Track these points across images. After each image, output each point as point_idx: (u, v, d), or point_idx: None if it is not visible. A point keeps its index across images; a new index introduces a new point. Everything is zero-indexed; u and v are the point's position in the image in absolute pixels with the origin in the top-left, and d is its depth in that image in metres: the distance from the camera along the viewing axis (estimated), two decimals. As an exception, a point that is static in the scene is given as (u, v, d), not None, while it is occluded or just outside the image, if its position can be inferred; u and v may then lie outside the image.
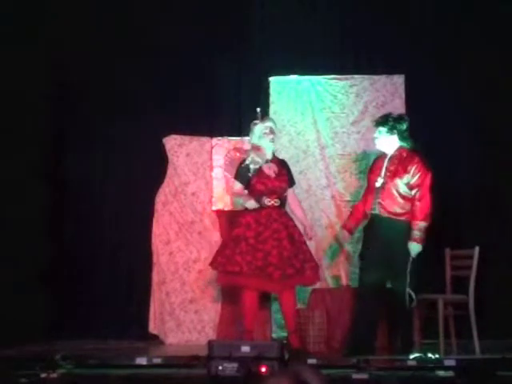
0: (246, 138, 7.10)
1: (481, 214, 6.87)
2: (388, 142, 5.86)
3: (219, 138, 7.08)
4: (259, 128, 6.01)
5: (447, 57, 7.04)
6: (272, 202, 5.91)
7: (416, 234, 5.68)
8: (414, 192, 5.73)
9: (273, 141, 6.05)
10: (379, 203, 5.77)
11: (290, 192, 6.08)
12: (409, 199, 5.75)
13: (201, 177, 7.07)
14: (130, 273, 7.16)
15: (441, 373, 4.90)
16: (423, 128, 7.00)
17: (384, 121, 5.88)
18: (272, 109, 7.10)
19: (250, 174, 5.94)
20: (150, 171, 7.09)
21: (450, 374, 4.85)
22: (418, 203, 5.71)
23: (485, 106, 6.92)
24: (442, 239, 6.53)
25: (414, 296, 5.67)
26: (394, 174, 5.76)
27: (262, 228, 5.84)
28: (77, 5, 7.10)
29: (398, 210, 5.75)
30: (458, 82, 7.01)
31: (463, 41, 7.01)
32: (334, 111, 7.12)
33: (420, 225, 5.69)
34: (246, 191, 5.96)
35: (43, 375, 4.76)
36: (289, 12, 7.27)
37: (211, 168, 7.04)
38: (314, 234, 6.30)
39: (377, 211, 5.79)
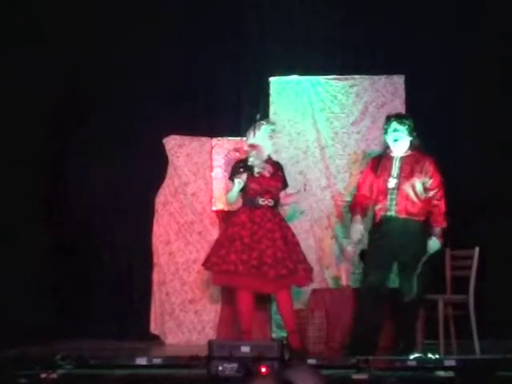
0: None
1: (481, 214, 6.87)
2: (405, 142, 5.84)
3: (219, 138, 7.08)
4: (266, 129, 6.02)
5: (447, 57, 7.04)
6: (266, 201, 5.91)
7: (438, 231, 5.71)
8: (432, 193, 5.71)
9: (273, 144, 6.15)
10: (396, 204, 5.71)
11: (282, 194, 6.08)
12: (424, 200, 5.72)
13: (201, 177, 7.07)
14: (130, 273, 7.17)
15: (441, 373, 4.90)
16: (423, 128, 6.99)
17: (406, 120, 5.86)
18: (272, 109, 7.10)
19: (246, 174, 5.89)
20: (150, 171, 7.09)
21: (450, 374, 4.85)
22: (437, 202, 5.71)
23: (485, 105, 6.92)
24: (442, 239, 6.54)
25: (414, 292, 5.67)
26: (410, 175, 5.72)
27: (256, 227, 5.83)
28: (77, 4, 7.10)
29: (415, 211, 5.71)
30: (458, 82, 7.00)
31: (463, 41, 7.01)
32: (334, 111, 7.12)
33: (443, 225, 5.72)
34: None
35: (43, 375, 4.76)
36: (289, 12, 7.28)
37: (211, 168, 7.04)
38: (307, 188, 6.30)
39: (392, 213, 5.72)
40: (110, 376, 4.91)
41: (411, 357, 5.34)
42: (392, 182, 5.75)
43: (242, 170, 5.88)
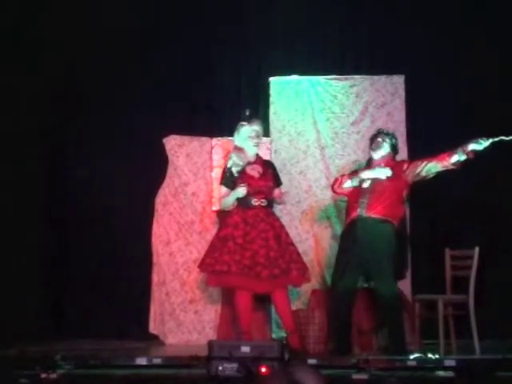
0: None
1: (481, 214, 6.87)
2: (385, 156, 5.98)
3: (219, 138, 7.07)
4: (246, 130, 6.00)
5: (447, 57, 7.05)
6: (259, 202, 5.91)
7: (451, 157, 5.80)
8: (413, 170, 5.85)
9: (257, 145, 6.06)
10: (367, 204, 5.77)
11: (276, 191, 6.06)
12: (398, 202, 5.84)
13: (201, 177, 7.07)
14: (130, 273, 7.16)
15: (441, 373, 4.91)
16: (423, 128, 7.01)
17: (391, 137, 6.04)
18: (272, 109, 7.11)
19: (234, 177, 5.93)
20: (150, 171, 7.09)
21: (450, 374, 4.86)
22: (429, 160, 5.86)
23: (485, 105, 6.92)
24: (442, 239, 6.55)
25: None
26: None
27: (249, 228, 5.84)
28: (77, 4, 7.10)
29: (387, 212, 5.77)
30: (458, 81, 7.01)
31: (463, 41, 7.01)
32: (334, 111, 7.12)
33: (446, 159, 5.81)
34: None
35: (43, 375, 4.77)
36: (289, 12, 7.28)
37: (211, 168, 7.04)
38: (283, 197, 6.17)
39: (363, 213, 5.77)
40: (110, 376, 4.91)
41: (411, 357, 5.33)
42: (367, 182, 5.85)
43: (232, 177, 5.92)
